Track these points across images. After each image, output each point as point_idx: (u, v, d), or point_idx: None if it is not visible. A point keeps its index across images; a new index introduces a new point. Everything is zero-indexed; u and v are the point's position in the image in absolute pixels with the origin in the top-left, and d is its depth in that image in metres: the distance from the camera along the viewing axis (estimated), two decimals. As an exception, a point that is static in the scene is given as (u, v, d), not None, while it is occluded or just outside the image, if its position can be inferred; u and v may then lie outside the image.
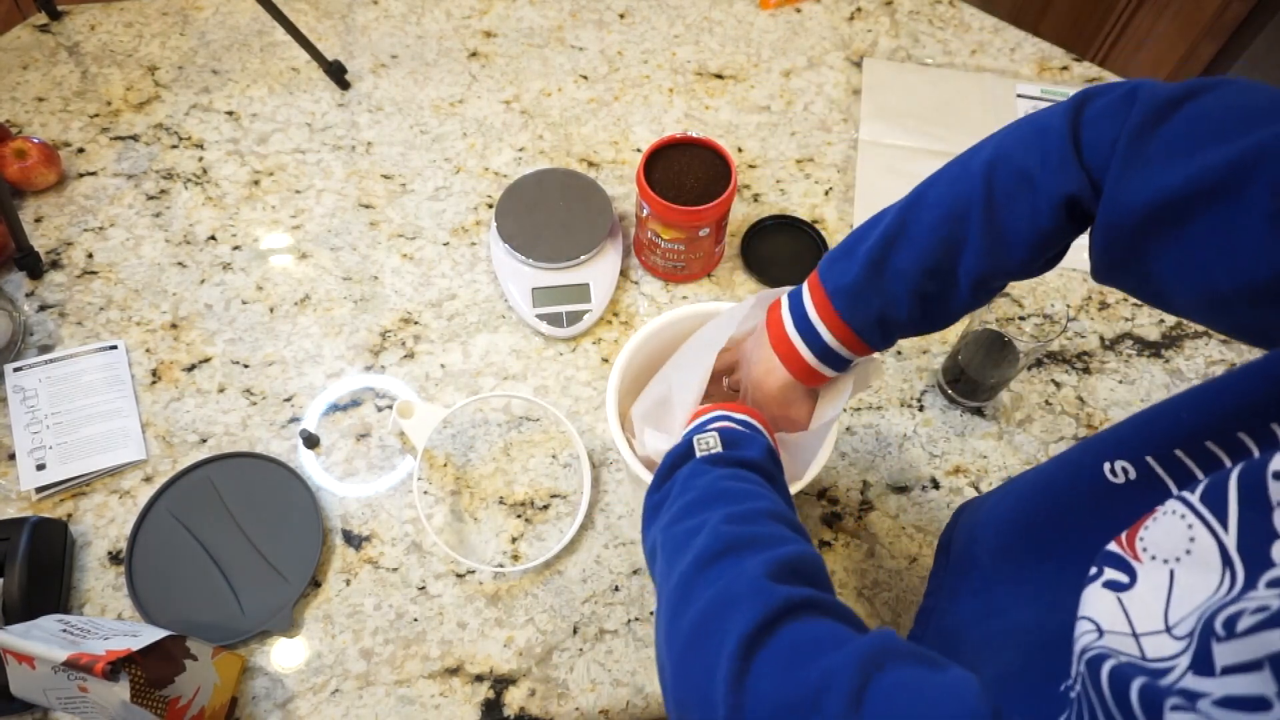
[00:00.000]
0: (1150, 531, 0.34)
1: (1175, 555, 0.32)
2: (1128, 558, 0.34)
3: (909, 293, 0.54)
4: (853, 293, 0.55)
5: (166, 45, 1.08)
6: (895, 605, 0.76)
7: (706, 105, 1.08)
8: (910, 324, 0.56)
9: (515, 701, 0.71)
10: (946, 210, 0.52)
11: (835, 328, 0.57)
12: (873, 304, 0.55)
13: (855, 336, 0.57)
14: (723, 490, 0.50)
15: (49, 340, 0.86)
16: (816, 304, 0.57)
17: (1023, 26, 1.19)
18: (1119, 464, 0.43)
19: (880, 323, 0.56)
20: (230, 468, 0.79)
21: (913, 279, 0.53)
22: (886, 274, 0.54)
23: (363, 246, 0.94)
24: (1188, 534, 0.32)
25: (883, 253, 0.54)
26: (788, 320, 0.59)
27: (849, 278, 0.55)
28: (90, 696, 0.57)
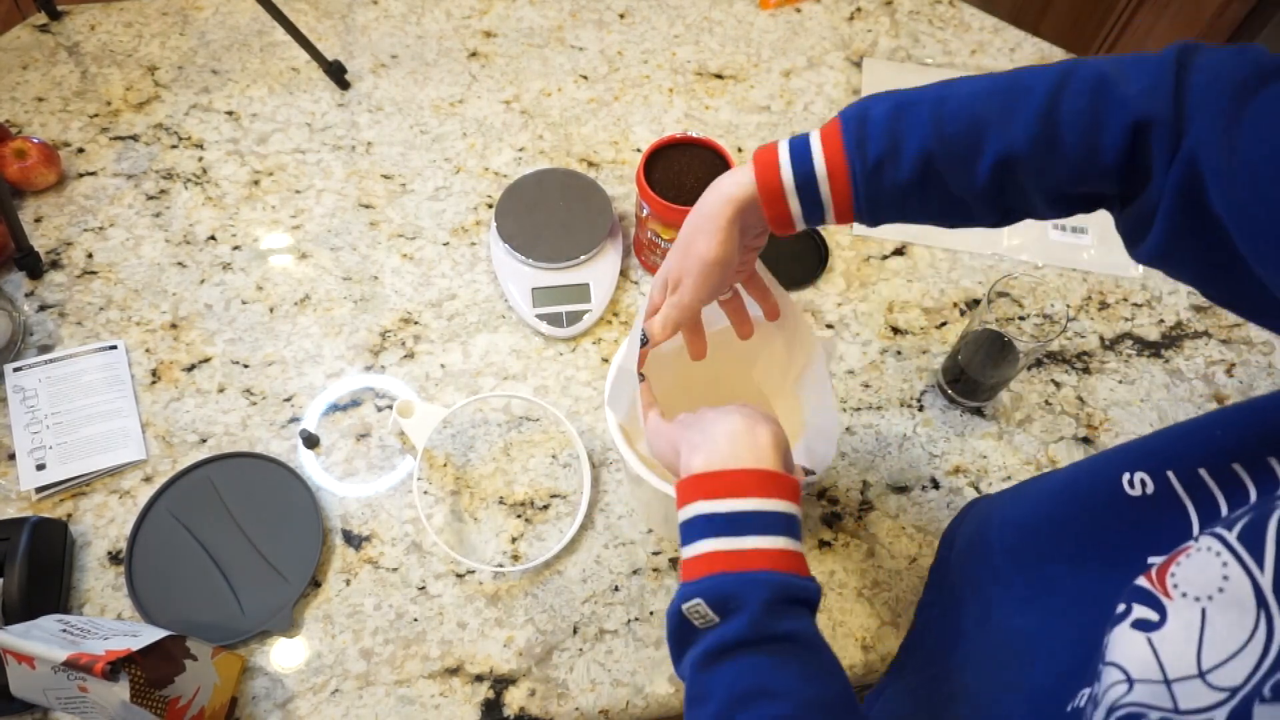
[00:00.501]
0: (1183, 568, 0.33)
1: (1208, 594, 0.31)
2: (1158, 594, 0.33)
3: (919, 150, 0.48)
4: (865, 122, 0.50)
5: (166, 45, 1.08)
6: (895, 605, 0.76)
7: (706, 105, 1.08)
8: (903, 190, 0.50)
9: (515, 701, 0.71)
10: (1003, 84, 0.47)
11: (831, 151, 0.50)
12: (879, 145, 0.49)
13: (845, 176, 0.50)
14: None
15: (49, 340, 0.86)
16: (824, 131, 0.51)
17: (1023, 26, 1.19)
18: (1138, 476, 0.42)
19: (875, 170, 0.49)
20: (230, 468, 0.79)
21: (930, 135, 0.48)
22: (905, 119, 0.49)
23: (363, 246, 0.94)
24: (1221, 572, 0.31)
25: (912, 99, 0.49)
26: (781, 142, 0.53)
27: (871, 110, 0.50)
28: (90, 696, 0.57)
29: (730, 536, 0.45)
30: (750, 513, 0.46)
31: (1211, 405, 0.88)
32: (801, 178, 0.51)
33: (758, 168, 0.52)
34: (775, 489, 0.46)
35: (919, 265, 0.96)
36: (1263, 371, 0.90)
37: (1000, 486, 0.82)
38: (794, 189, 0.51)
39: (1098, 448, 0.85)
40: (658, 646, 0.73)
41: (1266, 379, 0.89)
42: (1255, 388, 0.89)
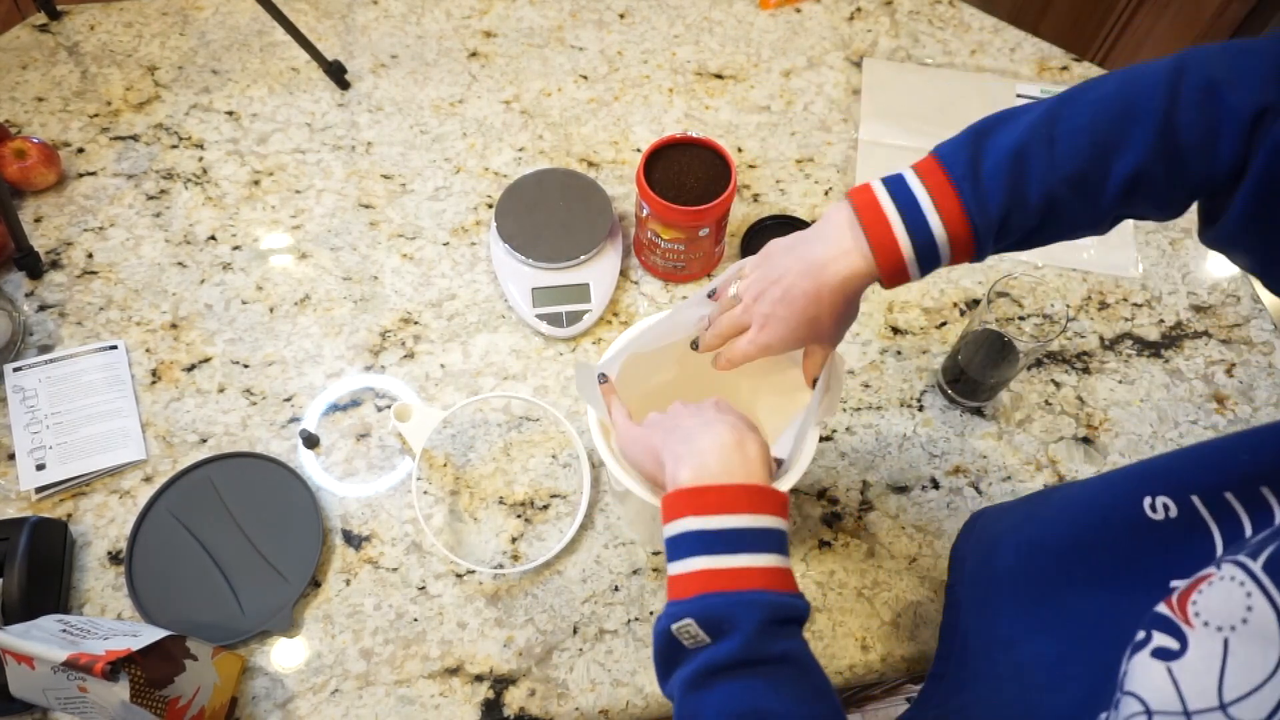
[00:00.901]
0: (1205, 596, 0.32)
1: (1230, 624, 0.31)
2: (1178, 622, 0.33)
3: (1042, 195, 0.47)
4: (980, 178, 0.48)
5: (166, 45, 1.08)
6: (895, 605, 0.76)
7: (706, 105, 1.08)
8: (1027, 233, 0.49)
9: (515, 701, 0.71)
10: (1111, 109, 0.46)
11: (951, 217, 0.48)
12: (1000, 200, 0.48)
13: (969, 237, 0.49)
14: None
15: (49, 340, 0.86)
16: (933, 188, 0.49)
17: (1023, 26, 1.19)
18: (1160, 500, 0.41)
19: (1001, 225, 0.48)
20: (230, 468, 0.79)
21: (1050, 178, 0.47)
22: (1022, 169, 0.47)
23: (363, 246, 0.94)
24: (1245, 602, 0.30)
25: (1020, 144, 0.47)
26: (886, 202, 0.50)
27: (982, 163, 0.48)
28: (90, 696, 0.57)
29: (722, 554, 0.44)
30: (742, 530, 0.44)
31: (1211, 405, 0.88)
32: (923, 249, 0.50)
33: (877, 251, 0.50)
34: (766, 504, 0.46)
35: (919, 265, 0.96)
36: (1263, 372, 0.90)
37: (1000, 486, 0.82)
38: (914, 260, 0.51)
39: (1098, 448, 0.85)
40: (658, 646, 0.73)
41: (1266, 379, 0.89)
42: (1255, 387, 0.89)
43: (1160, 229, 1.00)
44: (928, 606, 0.76)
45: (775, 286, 0.55)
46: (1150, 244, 0.99)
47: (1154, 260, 0.98)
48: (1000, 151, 0.48)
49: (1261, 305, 0.95)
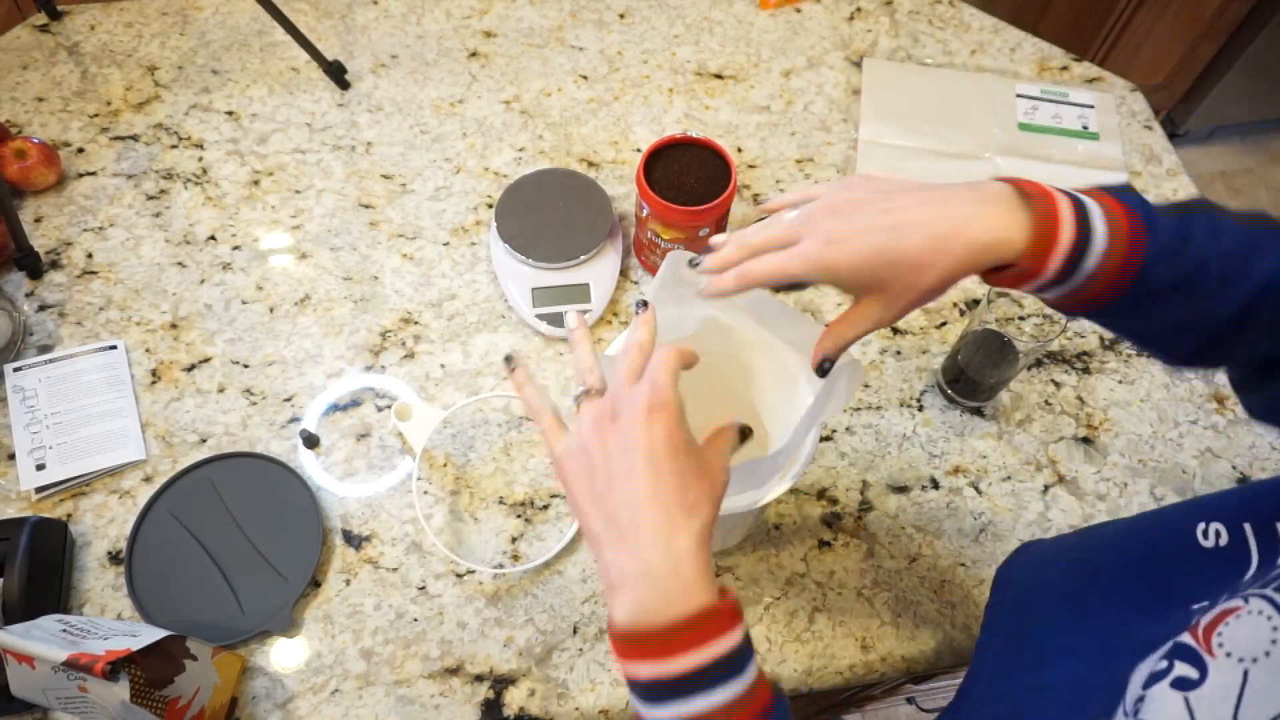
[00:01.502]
0: (1231, 629, 0.32)
1: (1253, 655, 0.31)
2: (1201, 652, 0.33)
3: (1199, 254, 0.44)
4: (1152, 212, 0.45)
5: (166, 45, 1.08)
6: (895, 605, 0.76)
7: (706, 105, 1.08)
8: (1168, 289, 0.45)
9: (515, 701, 0.71)
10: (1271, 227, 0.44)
11: (1115, 227, 0.44)
12: (1168, 232, 0.44)
13: (1128, 246, 0.44)
14: None
15: (49, 340, 0.86)
16: (1100, 199, 0.45)
17: (1023, 26, 1.19)
18: (1214, 526, 0.41)
19: (1163, 255, 0.44)
20: (230, 468, 0.79)
21: (1210, 248, 0.44)
22: (1193, 228, 0.45)
23: (363, 246, 0.94)
24: (1271, 636, 0.30)
25: (1194, 217, 0.45)
26: (1054, 191, 0.46)
27: (1152, 206, 0.45)
28: (90, 696, 0.57)
29: (684, 699, 0.40)
30: (695, 671, 0.40)
31: (1211, 405, 0.88)
32: (1080, 245, 0.44)
33: (1038, 227, 0.44)
34: (716, 627, 0.41)
35: (919, 265, 0.96)
36: (1263, 371, 0.90)
37: (1000, 486, 0.82)
38: (1065, 253, 0.44)
39: (1098, 448, 0.85)
40: (658, 646, 0.73)
41: (1266, 379, 0.89)
42: (1255, 388, 0.89)
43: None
44: (928, 606, 0.76)
45: (871, 208, 0.47)
46: (1150, 244, 0.99)
47: (1154, 260, 0.97)
48: (1168, 209, 0.46)
49: (1261, 305, 0.95)
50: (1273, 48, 1.91)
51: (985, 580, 0.78)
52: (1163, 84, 2.05)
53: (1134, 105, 1.10)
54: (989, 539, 0.80)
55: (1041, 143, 1.06)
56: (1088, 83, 1.12)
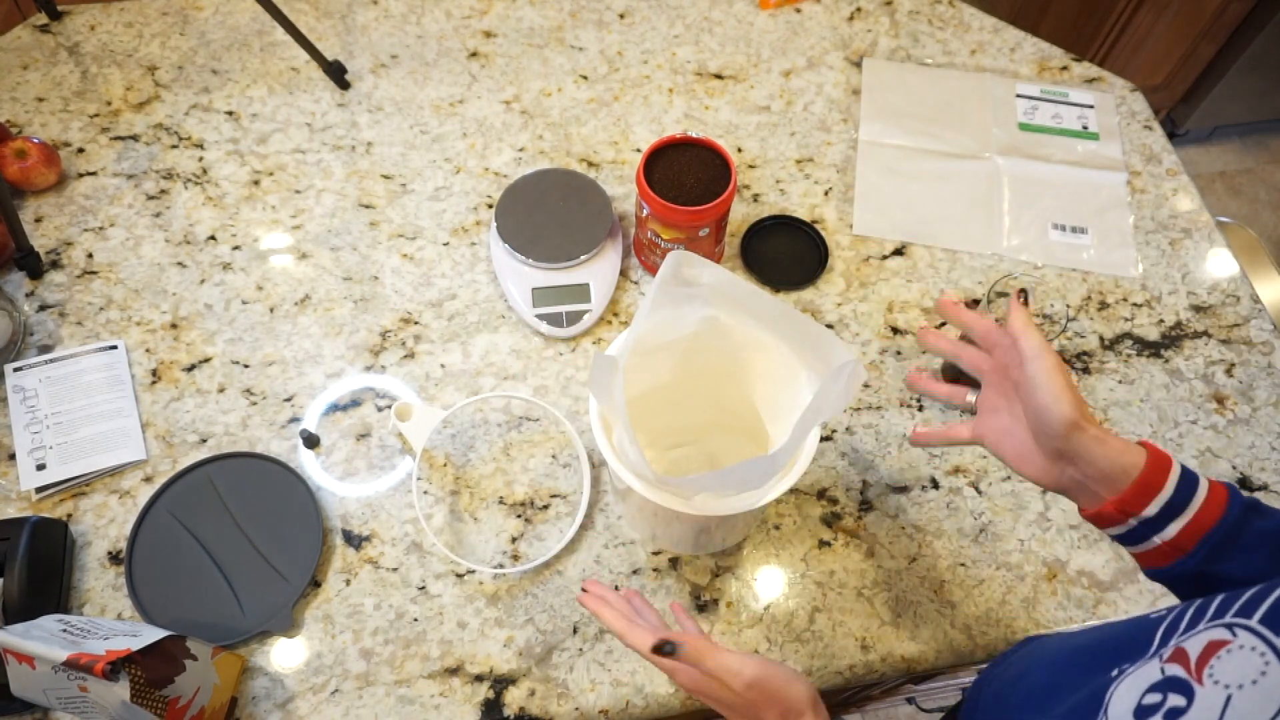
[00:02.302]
0: (1222, 662, 0.34)
1: (1239, 683, 0.32)
2: (1192, 682, 0.34)
3: None
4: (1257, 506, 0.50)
5: (166, 45, 1.08)
6: (895, 605, 0.76)
7: (706, 105, 1.08)
8: (1250, 572, 0.49)
9: (515, 701, 0.71)
10: None
11: (1215, 495, 0.50)
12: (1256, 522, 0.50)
13: (1221, 510, 0.49)
14: None
15: (49, 340, 0.86)
16: (1220, 490, 0.50)
17: (1023, 26, 1.19)
18: None
19: (1240, 525, 0.49)
20: (230, 468, 0.79)
21: None
22: None
23: (363, 246, 0.94)
24: (1261, 667, 0.32)
25: None
26: (1175, 465, 0.51)
27: None
28: (90, 696, 0.57)
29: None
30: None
31: (1211, 405, 0.88)
32: (1179, 495, 0.50)
33: (1147, 471, 0.50)
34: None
35: (919, 265, 0.96)
36: (1263, 372, 0.90)
37: (1000, 486, 0.82)
38: (1166, 499, 0.50)
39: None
40: (658, 646, 0.73)
41: (1266, 379, 0.89)
42: (1255, 387, 0.89)
43: (1160, 228, 1.00)
44: (927, 606, 0.76)
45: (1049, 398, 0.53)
46: (1150, 244, 0.99)
47: (1154, 260, 0.98)
48: None
49: (1261, 305, 0.95)
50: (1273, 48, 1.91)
51: (985, 580, 0.78)
52: (1163, 84, 2.05)
53: (1134, 105, 1.10)
54: (989, 539, 0.80)
55: (1041, 143, 1.06)
56: (1088, 83, 1.12)
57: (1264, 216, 2.20)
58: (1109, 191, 1.02)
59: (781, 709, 0.51)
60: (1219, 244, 0.99)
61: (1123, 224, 1.00)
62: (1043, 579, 0.78)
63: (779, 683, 0.52)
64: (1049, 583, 0.78)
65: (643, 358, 0.69)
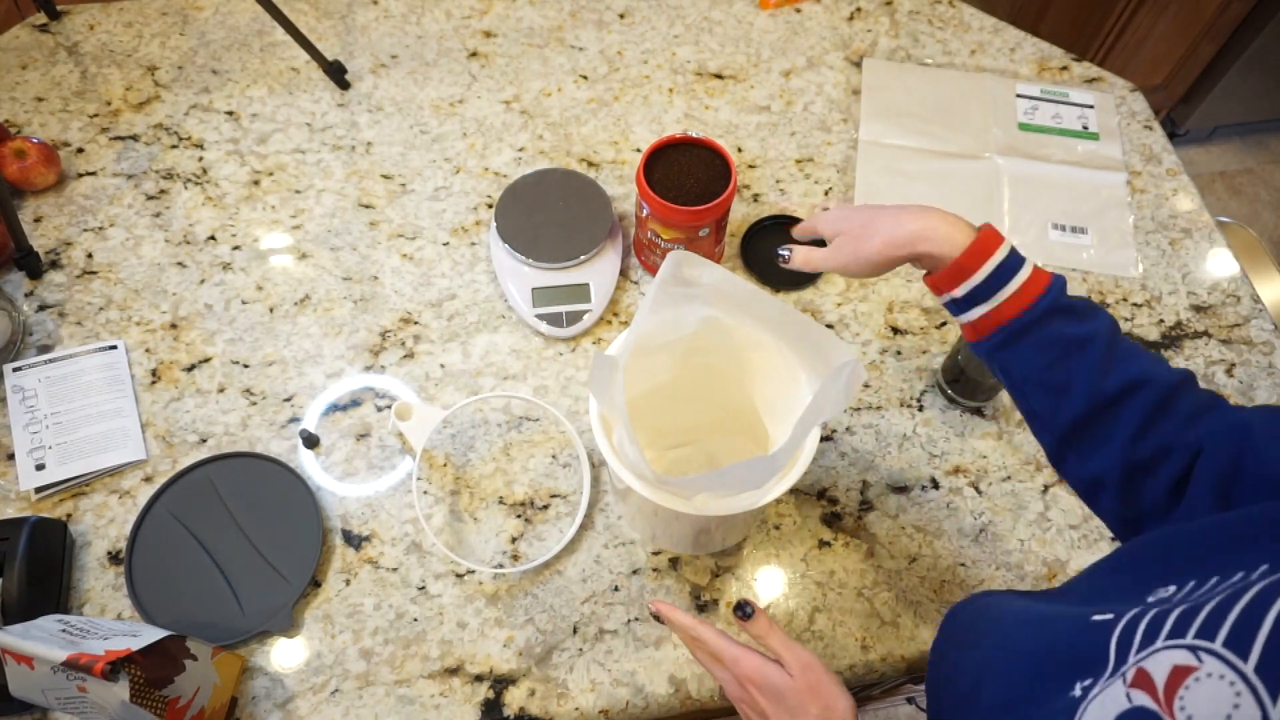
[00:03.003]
0: (1191, 693, 0.33)
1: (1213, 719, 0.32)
2: (1164, 716, 0.33)
3: (1090, 331, 0.56)
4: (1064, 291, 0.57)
5: (166, 45, 1.08)
6: (895, 605, 0.76)
7: (706, 105, 1.08)
8: (1055, 338, 0.56)
9: (515, 701, 0.71)
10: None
11: (1033, 279, 0.56)
12: (1068, 301, 0.57)
13: (1033, 296, 0.56)
14: None
15: (48, 340, 0.86)
16: (1031, 277, 0.57)
17: (1022, 26, 1.19)
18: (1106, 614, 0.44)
19: (1050, 312, 0.56)
20: (230, 468, 0.79)
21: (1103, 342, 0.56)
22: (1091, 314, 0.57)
23: (363, 246, 0.94)
24: (1233, 700, 0.31)
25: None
26: (1004, 244, 0.58)
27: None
28: (90, 696, 0.57)
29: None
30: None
31: (1211, 405, 0.88)
32: (992, 277, 0.57)
33: (973, 246, 0.57)
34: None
35: (919, 265, 0.96)
36: (1263, 371, 0.90)
37: (1000, 486, 0.82)
38: (977, 281, 0.57)
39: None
40: (658, 646, 0.73)
41: (1266, 379, 0.89)
42: (1255, 387, 0.89)
43: (1160, 228, 1.00)
44: (927, 606, 0.76)
45: (863, 221, 0.64)
46: (1150, 244, 0.99)
47: (1154, 260, 0.98)
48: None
49: (1261, 305, 0.95)
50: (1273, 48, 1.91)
51: (985, 580, 0.78)
52: (1163, 84, 2.05)
53: (1134, 105, 1.10)
54: (989, 539, 0.80)
55: (1041, 143, 1.06)
56: (1087, 83, 1.12)
57: (1264, 216, 2.20)
58: (1109, 191, 1.02)
59: (824, 704, 0.52)
60: (1219, 244, 0.99)
61: (1123, 224, 1.00)
62: (1043, 579, 0.78)
63: (827, 677, 0.53)
64: (1049, 583, 0.78)
65: (643, 358, 0.69)
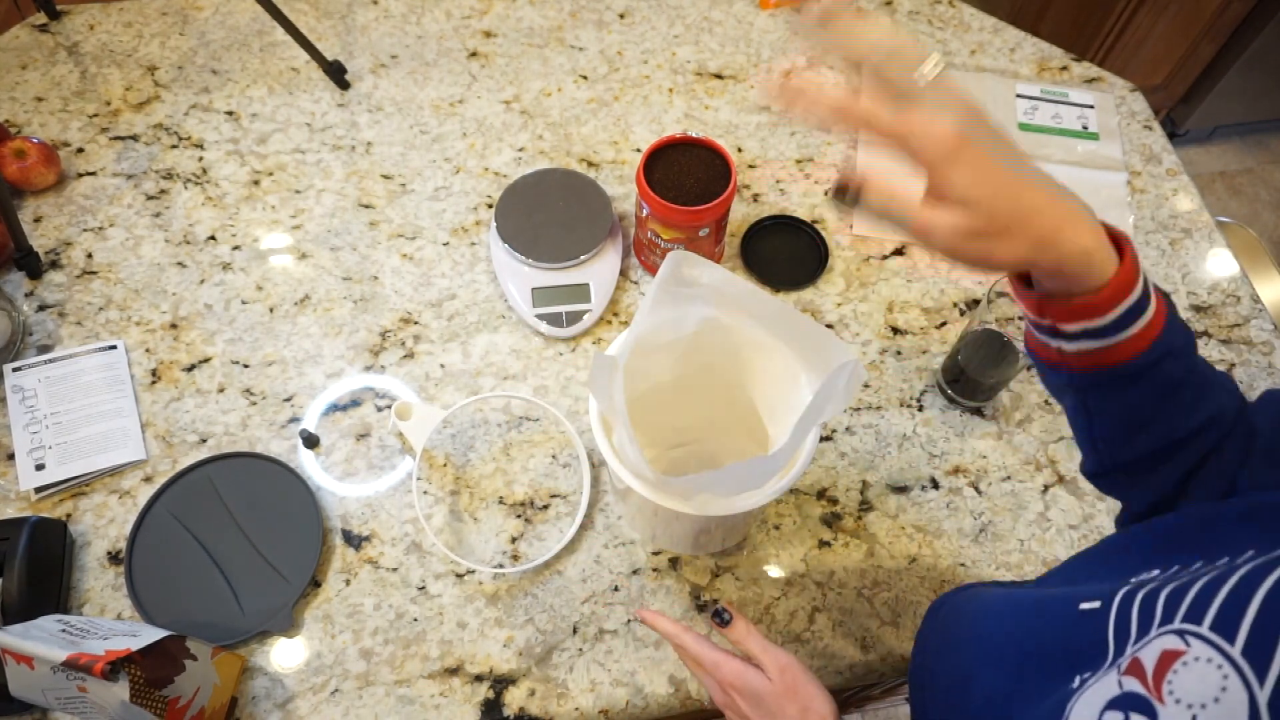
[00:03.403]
0: (1180, 677, 0.33)
1: (1202, 702, 0.31)
2: (1152, 700, 0.33)
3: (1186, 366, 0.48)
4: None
5: (166, 45, 1.08)
6: (895, 605, 0.76)
7: (706, 105, 1.08)
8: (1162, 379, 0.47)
9: (515, 701, 0.71)
10: None
11: (1159, 307, 0.45)
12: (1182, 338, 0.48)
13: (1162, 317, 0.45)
14: None
15: (48, 340, 0.86)
16: (1158, 295, 0.47)
17: (1022, 26, 1.19)
18: (1093, 602, 0.43)
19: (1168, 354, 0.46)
20: (230, 468, 0.79)
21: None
22: None
23: (363, 246, 0.94)
24: (1220, 684, 0.31)
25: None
26: (1140, 277, 0.45)
27: None
28: (90, 697, 0.57)
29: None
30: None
31: (1211, 405, 0.88)
32: (1141, 297, 0.45)
33: (1125, 256, 0.44)
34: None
35: (919, 265, 0.96)
36: (1263, 371, 0.90)
37: (1000, 486, 0.82)
38: (1138, 295, 0.45)
39: (1098, 448, 0.85)
40: (657, 646, 0.73)
41: (1266, 379, 0.89)
42: (1255, 387, 0.89)
43: (1160, 228, 1.00)
44: (927, 606, 0.76)
45: (1016, 162, 0.44)
46: (1150, 244, 0.99)
47: (1154, 260, 0.98)
48: None
49: (1261, 305, 0.95)
50: (1273, 48, 1.91)
51: (985, 581, 0.78)
52: (1163, 84, 2.05)
53: (1134, 105, 1.10)
54: (989, 539, 0.80)
55: (1041, 143, 1.06)
56: (1087, 83, 1.12)
57: (1264, 216, 2.20)
58: (1109, 191, 1.02)
59: (801, 705, 0.53)
60: (1219, 244, 0.99)
61: (1123, 224, 1.00)
62: (1043, 579, 0.78)
63: (805, 676, 0.54)
64: (1049, 583, 0.78)
65: (643, 358, 0.69)
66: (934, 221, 0.44)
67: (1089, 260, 0.43)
